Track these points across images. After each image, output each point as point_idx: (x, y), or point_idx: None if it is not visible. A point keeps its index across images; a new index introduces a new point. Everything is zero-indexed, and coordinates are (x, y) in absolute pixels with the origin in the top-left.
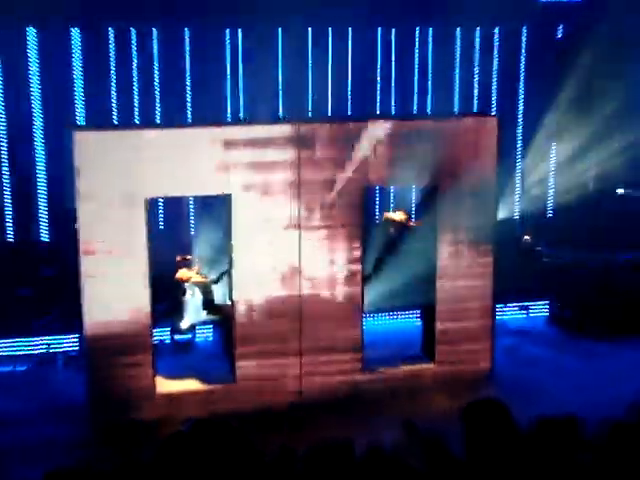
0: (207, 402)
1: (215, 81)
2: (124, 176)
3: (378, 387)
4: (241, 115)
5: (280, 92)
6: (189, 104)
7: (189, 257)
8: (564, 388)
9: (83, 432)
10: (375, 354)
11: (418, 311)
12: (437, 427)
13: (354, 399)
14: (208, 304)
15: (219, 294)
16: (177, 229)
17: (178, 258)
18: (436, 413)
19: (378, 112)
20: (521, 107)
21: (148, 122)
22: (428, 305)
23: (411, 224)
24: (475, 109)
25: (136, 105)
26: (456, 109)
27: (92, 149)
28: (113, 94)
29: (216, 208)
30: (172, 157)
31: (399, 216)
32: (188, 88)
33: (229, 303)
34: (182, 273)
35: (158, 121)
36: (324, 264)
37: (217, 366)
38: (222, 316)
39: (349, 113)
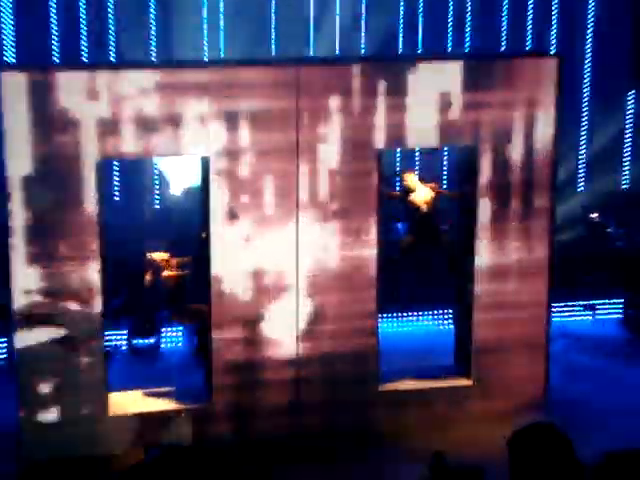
0: (175, 427)
1: (184, 8)
2: (69, 131)
3: (398, 408)
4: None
5: (272, 25)
6: (152, 39)
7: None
8: (635, 409)
9: (10, 468)
10: (395, 366)
11: (446, 311)
12: (473, 460)
13: (367, 425)
14: (177, 304)
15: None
16: (138, 202)
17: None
18: (473, 443)
19: (400, 51)
20: (589, 44)
21: (101, 61)
22: (462, 306)
23: (443, 192)
24: (529, 47)
25: (83, 39)
26: (504, 47)
27: (27, 95)
28: (53, 25)
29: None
30: (131, 107)
31: (423, 197)
32: (151, 18)
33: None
34: (159, 256)
35: (112, 60)
36: (329, 251)
37: (188, 381)
38: (195, 319)
39: (362, 53)
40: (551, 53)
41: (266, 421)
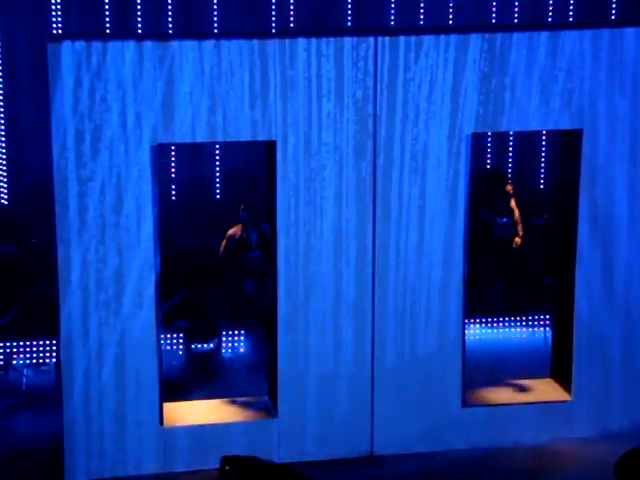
0: (237, 444)
1: None
2: (121, 111)
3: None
4: None
5: None
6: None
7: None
8: None
9: None
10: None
11: (543, 316)
12: None
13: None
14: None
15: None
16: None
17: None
18: (574, 466)
19: (494, 19)
20: None
21: (150, 30)
22: (562, 310)
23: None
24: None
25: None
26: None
27: (75, 68)
28: None
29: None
30: (187, 82)
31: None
32: None
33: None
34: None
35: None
36: (410, 253)
37: (251, 391)
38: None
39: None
40: None
41: None
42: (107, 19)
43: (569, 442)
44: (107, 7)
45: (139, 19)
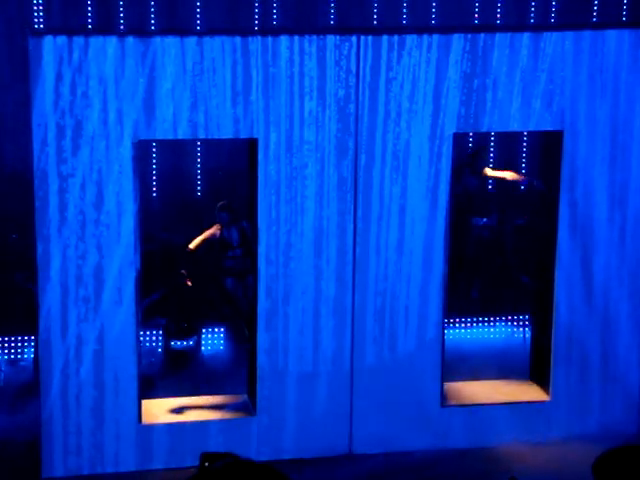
0: (215, 441)
1: None
2: (102, 107)
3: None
4: None
5: None
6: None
7: None
8: None
9: None
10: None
11: (523, 316)
12: None
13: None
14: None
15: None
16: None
17: None
18: (551, 466)
19: (477, 19)
20: None
21: (132, 26)
22: (540, 311)
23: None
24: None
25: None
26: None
27: (57, 63)
28: None
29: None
30: (169, 79)
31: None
32: None
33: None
34: None
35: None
36: (390, 252)
37: (230, 388)
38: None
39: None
40: None
41: None
42: (89, 14)
43: (547, 442)
44: (89, 2)
45: (121, 15)
